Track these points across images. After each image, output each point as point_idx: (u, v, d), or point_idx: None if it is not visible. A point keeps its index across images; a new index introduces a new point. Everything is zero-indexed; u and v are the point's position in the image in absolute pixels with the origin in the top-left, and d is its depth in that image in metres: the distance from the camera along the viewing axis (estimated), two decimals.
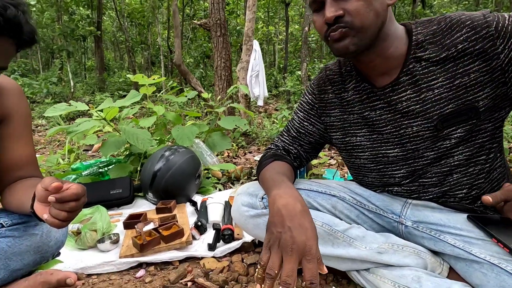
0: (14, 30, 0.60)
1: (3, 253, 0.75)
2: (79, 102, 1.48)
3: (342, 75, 0.83)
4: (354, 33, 0.65)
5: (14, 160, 0.81)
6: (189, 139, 1.78)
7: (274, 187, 0.71)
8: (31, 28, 0.63)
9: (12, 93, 0.81)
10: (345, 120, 0.83)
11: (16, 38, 0.62)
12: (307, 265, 0.55)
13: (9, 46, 0.62)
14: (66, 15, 10.54)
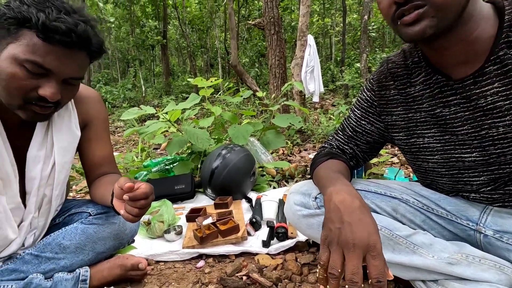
0: (85, 44, 0.68)
1: (90, 238, 0.88)
2: (148, 106, 1.66)
3: (407, 68, 0.74)
4: (433, 13, 0.55)
5: (96, 159, 0.95)
6: (244, 137, 1.84)
7: (330, 184, 0.67)
8: (99, 40, 0.72)
9: (92, 101, 0.94)
10: (410, 118, 0.74)
11: (87, 50, 0.70)
12: (373, 261, 0.51)
13: (82, 58, 0.71)
14: (138, 28, 11.83)
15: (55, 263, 0.84)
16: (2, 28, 0.64)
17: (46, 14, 0.62)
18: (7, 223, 0.77)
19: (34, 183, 0.81)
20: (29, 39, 0.63)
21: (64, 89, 0.70)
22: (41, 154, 0.82)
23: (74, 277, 0.84)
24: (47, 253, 0.84)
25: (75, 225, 0.89)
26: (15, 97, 0.66)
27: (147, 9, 11.88)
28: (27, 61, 0.63)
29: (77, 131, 0.88)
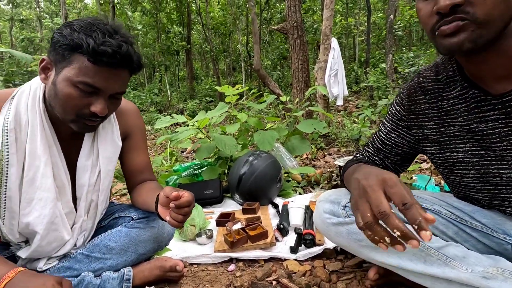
0: (128, 62, 0.76)
1: (133, 240, 0.96)
2: (173, 109, 1.75)
3: (439, 82, 0.74)
4: (474, 27, 0.54)
5: (136, 166, 1.03)
6: (270, 143, 1.88)
7: (357, 173, 0.67)
8: (138, 56, 0.79)
9: (131, 114, 1.02)
10: (443, 133, 0.74)
11: (129, 67, 0.78)
12: (391, 190, 0.53)
13: (125, 74, 0.79)
14: (163, 35, 12.27)
15: (102, 262, 0.93)
16: (57, 54, 0.73)
17: (93, 39, 0.70)
18: (63, 226, 0.86)
19: (83, 190, 0.90)
20: (81, 62, 0.71)
21: (110, 104, 0.79)
22: (89, 163, 0.90)
23: (119, 276, 0.92)
24: (96, 253, 0.93)
25: (119, 228, 0.97)
26: (69, 113, 0.75)
27: (172, 16, 12.31)
28: (80, 82, 0.72)
29: (119, 142, 0.96)
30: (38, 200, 0.80)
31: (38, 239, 0.82)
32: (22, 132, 0.78)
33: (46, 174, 0.80)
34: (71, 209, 0.88)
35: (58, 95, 0.73)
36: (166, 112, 8.87)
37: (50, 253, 0.88)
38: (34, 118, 0.79)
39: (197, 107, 8.87)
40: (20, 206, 0.79)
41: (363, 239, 0.80)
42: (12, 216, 0.79)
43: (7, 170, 0.76)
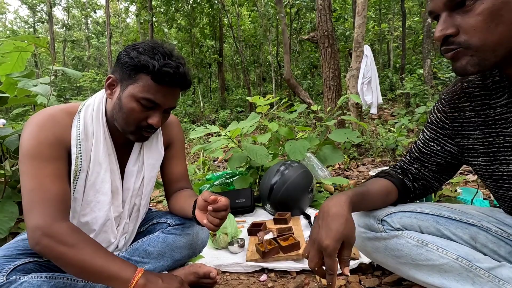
0: (183, 81, 0.85)
1: (170, 246, 1.00)
2: (206, 120, 1.81)
3: (486, 88, 0.68)
4: (473, 53, 0.54)
5: (174, 175, 1.09)
6: (301, 153, 1.87)
7: None
8: (190, 75, 0.87)
9: (174, 125, 1.09)
10: (491, 143, 0.69)
11: (183, 85, 0.87)
12: (325, 259, 0.66)
13: (178, 91, 0.88)
14: (197, 48, 12.85)
15: (141, 266, 0.97)
16: (124, 73, 0.83)
17: (157, 61, 0.79)
18: (111, 229, 0.93)
19: (128, 193, 0.96)
20: (145, 81, 0.81)
21: (163, 117, 0.88)
22: (135, 169, 0.97)
23: None
24: (136, 257, 0.98)
25: (157, 233, 1.02)
26: (131, 125, 0.84)
27: (205, 30, 12.88)
28: (143, 99, 0.81)
29: (162, 151, 1.03)
30: (96, 202, 0.88)
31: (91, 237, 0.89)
32: (88, 141, 0.87)
33: (105, 179, 0.88)
34: (119, 213, 0.95)
35: (122, 109, 0.83)
36: (198, 122, 9.20)
37: None
38: (98, 129, 0.88)
39: (228, 117, 9.09)
40: (80, 207, 0.87)
41: (403, 255, 0.76)
42: (73, 216, 0.87)
43: (79, 174, 0.85)
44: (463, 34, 0.54)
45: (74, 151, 0.83)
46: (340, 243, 0.65)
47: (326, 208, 0.70)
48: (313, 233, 0.69)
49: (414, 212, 0.80)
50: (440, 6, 0.56)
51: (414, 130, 4.26)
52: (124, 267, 0.76)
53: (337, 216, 0.68)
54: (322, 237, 0.66)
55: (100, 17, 18.57)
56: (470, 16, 0.53)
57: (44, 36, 1.44)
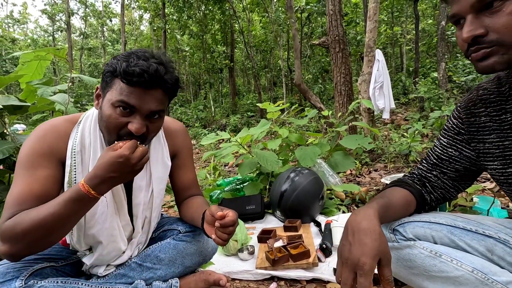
0: (158, 82, 0.76)
1: (180, 253, 1.02)
2: (223, 132, 1.83)
3: (501, 94, 0.70)
4: (504, 51, 0.55)
5: (183, 183, 1.09)
6: (312, 159, 1.86)
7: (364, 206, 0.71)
8: (171, 77, 0.79)
9: (180, 134, 1.08)
10: (506, 147, 0.69)
11: (161, 87, 0.80)
12: (359, 279, 0.59)
13: (159, 94, 0.80)
14: (208, 54, 13.04)
15: (153, 272, 0.99)
16: (104, 82, 0.81)
17: (128, 62, 0.76)
18: (120, 238, 0.94)
19: (139, 208, 0.97)
20: (117, 84, 0.77)
21: (150, 123, 0.81)
22: (143, 184, 0.97)
23: (168, 286, 0.97)
24: (148, 263, 0.99)
25: (168, 240, 1.04)
26: (112, 133, 0.79)
27: (217, 36, 13.06)
28: (117, 102, 0.76)
29: (168, 162, 1.02)
30: (100, 214, 0.88)
31: (100, 248, 0.91)
32: (86, 153, 0.86)
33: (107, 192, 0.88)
34: (127, 221, 0.96)
35: (103, 117, 0.80)
36: (210, 127, 9.29)
37: (109, 261, 0.96)
38: (95, 140, 0.87)
39: (239, 122, 9.14)
40: (85, 220, 0.87)
41: (415, 266, 0.74)
42: (79, 228, 0.89)
43: None
44: (493, 34, 0.55)
45: (69, 163, 0.83)
46: (376, 261, 0.60)
47: (355, 223, 0.65)
48: (344, 251, 0.63)
49: (427, 222, 0.79)
50: (467, 8, 0.57)
51: (428, 135, 4.17)
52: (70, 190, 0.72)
53: (369, 231, 0.63)
54: (356, 254, 0.60)
55: (115, 24, 19.14)
56: (500, 16, 0.54)
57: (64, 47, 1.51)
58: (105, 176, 0.70)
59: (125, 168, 0.71)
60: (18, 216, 0.71)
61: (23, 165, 0.78)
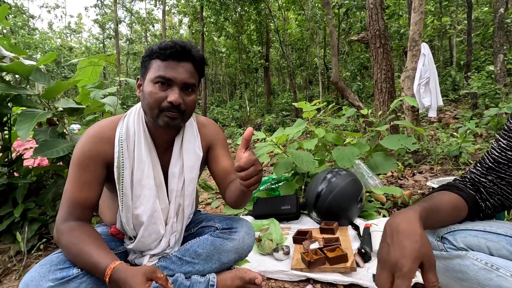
0: (188, 54, 0.89)
1: (217, 249, 1.05)
2: (259, 131, 1.85)
3: None
4: None
5: (222, 171, 1.12)
6: (350, 160, 1.79)
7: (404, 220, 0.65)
8: (197, 51, 0.91)
9: (210, 126, 1.14)
10: None
11: (191, 60, 0.91)
12: (396, 281, 0.57)
13: (189, 67, 0.91)
14: (244, 55, 13.21)
15: (191, 266, 1.03)
16: (143, 67, 0.93)
17: (160, 44, 0.88)
18: (159, 220, 1.00)
19: (173, 194, 1.03)
20: (154, 64, 0.89)
21: (184, 96, 0.91)
22: (176, 171, 1.03)
23: (205, 281, 1.01)
24: (187, 257, 1.04)
25: (206, 236, 1.07)
26: (154, 109, 0.90)
27: (252, 36, 13.19)
28: (156, 78, 0.88)
29: (200, 152, 1.07)
30: (144, 196, 0.97)
31: (142, 229, 0.98)
32: (130, 141, 0.96)
33: (149, 175, 0.97)
34: (166, 205, 1.02)
35: (145, 97, 0.91)
36: (245, 127, 9.41)
37: (150, 246, 1.03)
38: (139, 130, 0.97)
39: (274, 121, 9.13)
40: (132, 201, 0.97)
41: (467, 278, 0.69)
42: (127, 209, 0.97)
43: (122, 172, 0.95)
44: None
45: (117, 150, 0.94)
46: (417, 264, 0.57)
47: (394, 225, 0.62)
48: (383, 253, 0.61)
49: (482, 231, 0.72)
50: None
51: (482, 135, 3.79)
52: (102, 259, 0.80)
53: (409, 233, 0.60)
54: (395, 256, 0.58)
55: (157, 30, 20.26)
56: None
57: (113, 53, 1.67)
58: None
59: None
60: (69, 237, 0.85)
61: (75, 165, 0.91)
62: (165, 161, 1.03)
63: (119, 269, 0.77)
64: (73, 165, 0.91)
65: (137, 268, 0.78)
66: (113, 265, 0.77)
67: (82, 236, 0.85)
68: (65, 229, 0.85)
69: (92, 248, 0.82)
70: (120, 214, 0.99)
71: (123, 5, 17.39)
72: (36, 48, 16.98)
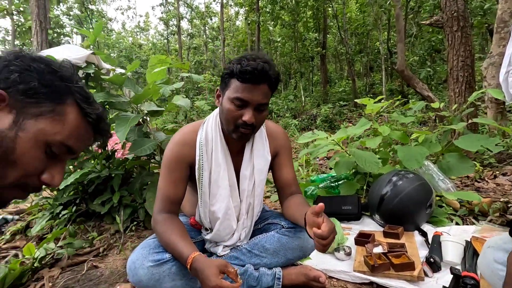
0: (265, 77, 0.95)
1: (283, 246, 1.13)
2: (320, 131, 1.86)
3: None
4: None
5: (284, 180, 1.20)
6: (418, 161, 1.70)
7: None
8: (274, 73, 0.97)
9: (280, 136, 1.21)
10: None
11: (267, 82, 0.97)
12: None
13: (265, 88, 0.98)
14: (300, 43, 12.92)
15: (259, 259, 1.14)
16: (223, 83, 1.02)
17: (241, 65, 0.94)
18: (232, 217, 1.13)
19: (244, 193, 1.14)
20: (234, 84, 0.97)
21: (257, 114, 0.99)
22: (247, 173, 1.14)
23: (272, 273, 1.11)
24: (255, 250, 1.15)
25: (272, 233, 1.17)
26: (230, 124, 1.00)
27: (309, 24, 12.79)
28: (234, 98, 0.97)
29: (268, 157, 1.16)
30: (219, 195, 1.10)
31: (218, 224, 1.11)
32: (209, 146, 1.10)
33: (224, 176, 1.10)
34: (238, 203, 1.15)
35: (223, 111, 1.01)
36: (300, 117, 9.32)
37: (223, 238, 1.16)
38: (216, 136, 1.10)
39: (330, 112, 8.84)
40: (209, 198, 1.11)
41: None
42: (205, 205, 1.12)
43: (202, 173, 1.09)
44: None
45: (197, 153, 1.08)
46: None
47: None
48: None
49: None
50: None
51: None
52: (185, 249, 0.93)
53: None
54: None
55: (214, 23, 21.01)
56: None
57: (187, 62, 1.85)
58: (198, 276, 0.89)
59: None
60: (162, 227, 1.02)
61: (165, 167, 1.08)
62: (237, 164, 1.15)
63: (198, 259, 0.90)
64: (164, 167, 1.08)
65: (212, 261, 0.91)
66: (193, 255, 0.91)
67: (171, 227, 1.01)
68: (159, 220, 1.03)
69: (179, 239, 0.97)
70: (199, 208, 1.14)
71: (184, 1, 18.41)
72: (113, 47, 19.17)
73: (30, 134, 0.47)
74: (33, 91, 0.48)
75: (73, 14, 14.54)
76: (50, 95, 0.50)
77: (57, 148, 0.50)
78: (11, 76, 0.48)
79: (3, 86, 0.47)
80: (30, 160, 0.47)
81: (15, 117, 0.47)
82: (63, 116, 0.51)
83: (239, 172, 1.14)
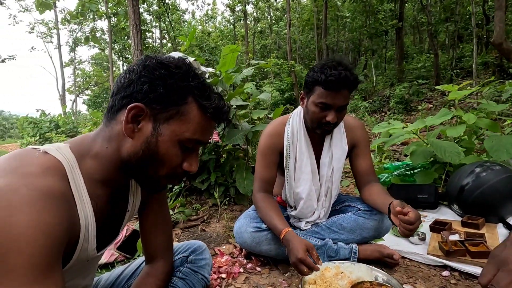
0: (348, 85, 1.14)
1: (359, 226, 1.30)
2: (395, 120, 1.89)
3: None
4: None
5: (362, 169, 1.35)
6: (509, 152, 1.61)
7: None
8: (354, 77, 1.14)
9: (357, 129, 1.37)
10: None
11: (348, 87, 1.14)
12: (499, 273, 0.59)
13: (345, 92, 1.15)
14: (372, 18, 11.89)
15: (337, 235, 1.34)
16: (307, 88, 1.21)
17: (324, 74, 1.12)
18: (313, 198, 1.34)
19: (323, 178, 1.34)
20: (318, 90, 1.16)
21: (338, 114, 1.18)
22: (326, 161, 1.34)
23: (349, 248, 1.30)
24: (334, 227, 1.35)
25: (349, 214, 1.35)
26: (314, 123, 1.21)
27: None
28: (319, 103, 1.16)
29: (345, 147, 1.34)
30: (303, 179, 1.33)
31: (301, 204, 1.35)
32: (294, 138, 1.32)
33: (307, 164, 1.32)
34: (318, 187, 1.36)
35: (308, 113, 1.23)
36: (370, 99, 8.82)
37: (306, 215, 1.39)
38: (300, 130, 1.32)
39: (407, 92, 8.12)
40: (294, 182, 1.34)
41: None
42: (290, 188, 1.36)
43: (288, 160, 1.33)
44: None
45: (285, 144, 1.31)
46: None
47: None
48: (496, 251, 0.66)
49: None
50: None
51: None
52: (279, 224, 1.16)
53: None
54: (506, 254, 0.62)
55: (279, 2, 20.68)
56: None
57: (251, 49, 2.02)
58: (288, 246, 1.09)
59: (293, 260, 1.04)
60: (261, 203, 1.28)
61: (260, 153, 1.34)
62: (318, 153, 1.35)
63: (290, 233, 1.14)
64: (259, 153, 1.35)
65: (302, 240, 1.10)
66: (285, 231, 1.15)
67: (269, 205, 1.27)
68: (258, 198, 1.31)
69: (274, 214, 1.23)
70: (285, 190, 1.39)
71: None
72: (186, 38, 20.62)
73: (166, 137, 0.57)
74: (161, 98, 0.56)
75: (153, 10, 16.12)
76: (174, 98, 0.57)
77: (188, 143, 0.59)
78: (143, 87, 0.55)
79: (140, 98, 0.55)
80: (171, 157, 0.58)
81: (153, 124, 0.57)
82: (187, 115, 0.58)
83: (319, 160, 1.36)
